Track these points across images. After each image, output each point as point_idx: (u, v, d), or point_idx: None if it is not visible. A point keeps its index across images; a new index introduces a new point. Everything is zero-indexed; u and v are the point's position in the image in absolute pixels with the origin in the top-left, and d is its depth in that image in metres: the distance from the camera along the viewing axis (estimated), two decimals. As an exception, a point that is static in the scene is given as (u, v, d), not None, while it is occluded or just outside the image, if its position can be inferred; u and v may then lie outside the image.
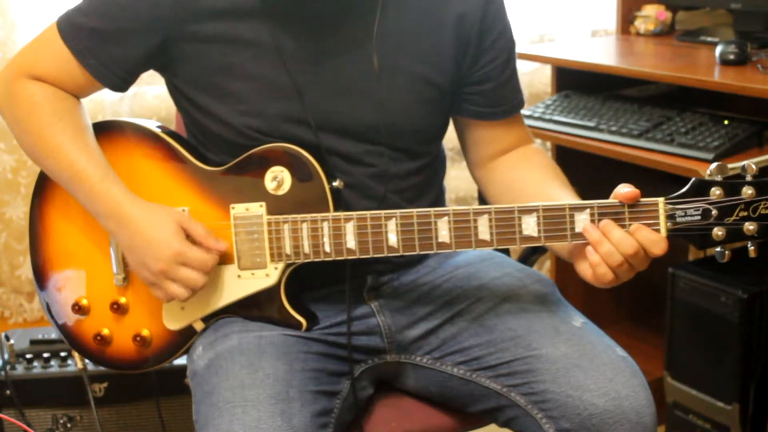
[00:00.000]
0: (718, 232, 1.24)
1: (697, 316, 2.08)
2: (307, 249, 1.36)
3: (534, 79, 2.89)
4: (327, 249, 1.36)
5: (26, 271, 2.67)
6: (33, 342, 2.04)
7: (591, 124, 2.17)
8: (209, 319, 1.44)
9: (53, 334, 2.04)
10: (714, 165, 1.24)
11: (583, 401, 1.31)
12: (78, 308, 1.49)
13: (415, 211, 1.32)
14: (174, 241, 1.35)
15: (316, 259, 1.37)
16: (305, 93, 1.38)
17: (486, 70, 1.48)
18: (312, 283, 1.46)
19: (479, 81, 1.48)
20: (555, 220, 1.28)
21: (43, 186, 1.50)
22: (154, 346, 1.48)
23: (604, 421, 1.30)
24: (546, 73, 2.79)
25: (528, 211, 1.29)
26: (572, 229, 1.28)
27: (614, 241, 1.25)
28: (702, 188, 1.24)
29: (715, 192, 1.23)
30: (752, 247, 1.25)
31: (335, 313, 1.46)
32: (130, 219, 1.37)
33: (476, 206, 1.31)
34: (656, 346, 2.42)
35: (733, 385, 2.02)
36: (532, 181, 1.47)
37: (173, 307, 1.44)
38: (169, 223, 1.36)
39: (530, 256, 1.92)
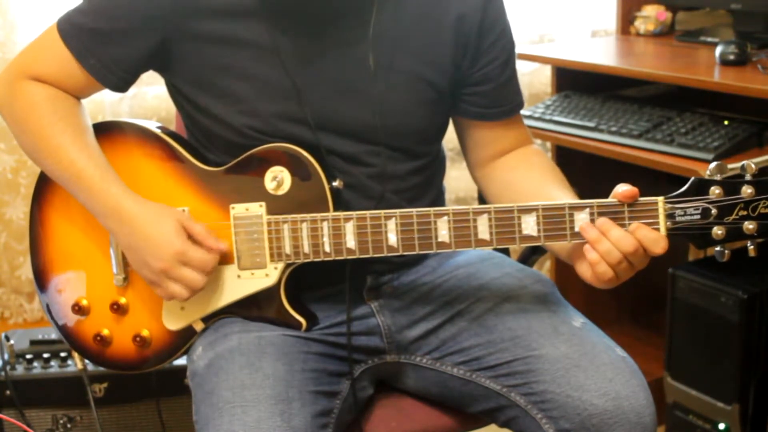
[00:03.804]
0: (717, 231, 1.24)
1: (697, 316, 2.08)
2: (306, 249, 1.36)
3: (534, 79, 2.89)
4: (327, 249, 1.36)
5: (26, 271, 2.67)
6: (33, 342, 2.04)
7: (591, 124, 2.18)
8: (209, 320, 1.44)
9: (53, 334, 2.04)
10: (713, 164, 1.24)
11: (583, 401, 1.31)
12: (78, 308, 1.49)
13: (414, 210, 1.32)
14: (176, 241, 1.35)
15: (315, 259, 1.37)
16: (303, 93, 1.38)
17: (485, 70, 1.48)
18: (312, 283, 1.46)
19: (479, 82, 1.48)
20: (555, 219, 1.28)
21: (43, 187, 1.50)
22: (153, 346, 1.48)
23: (603, 422, 1.30)
24: (546, 73, 2.79)
25: (528, 210, 1.29)
26: (572, 228, 1.28)
27: (613, 239, 1.25)
28: (701, 187, 1.24)
29: (715, 191, 1.23)
30: (752, 247, 1.25)
31: (335, 314, 1.46)
32: (131, 217, 1.37)
33: (476, 206, 1.31)
34: (656, 346, 2.42)
35: (733, 385, 2.02)
36: (531, 181, 1.47)
37: (173, 307, 1.44)
38: (170, 222, 1.36)
39: (530, 256, 1.93)
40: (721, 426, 2.05)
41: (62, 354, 1.99)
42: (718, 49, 2.15)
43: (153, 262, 1.36)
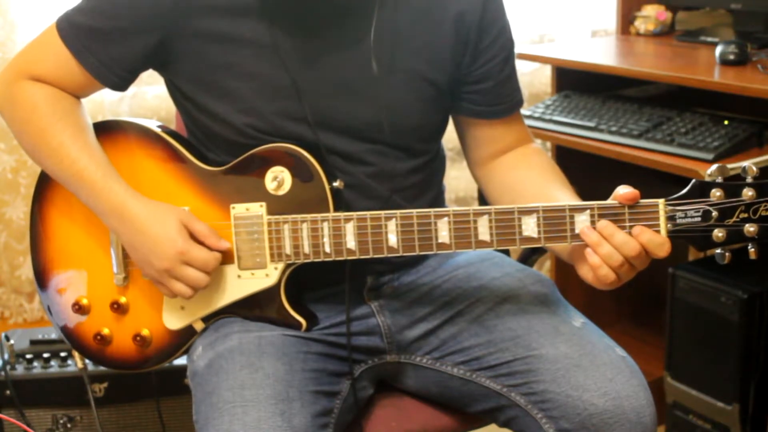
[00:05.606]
0: (718, 233, 1.24)
1: (697, 316, 2.08)
2: (307, 249, 1.36)
3: (534, 79, 2.89)
4: (327, 249, 1.36)
5: (26, 271, 2.67)
6: (33, 342, 2.04)
7: (591, 124, 2.18)
8: (209, 319, 1.45)
9: (53, 334, 2.04)
10: (714, 166, 1.24)
11: (583, 401, 1.31)
12: (78, 308, 1.49)
13: (415, 211, 1.32)
14: (178, 240, 1.35)
15: (316, 260, 1.37)
16: (303, 91, 1.38)
17: (485, 68, 1.48)
18: (312, 284, 1.46)
19: (478, 79, 1.48)
20: (555, 221, 1.28)
21: (44, 186, 1.50)
22: (154, 345, 1.48)
23: (603, 421, 1.30)
24: (546, 73, 2.79)
25: (528, 212, 1.29)
26: (572, 230, 1.28)
27: (616, 243, 1.24)
28: (702, 189, 1.24)
29: (716, 193, 1.23)
30: (752, 249, 1.24)
31: (335, 314, 1.46)
32: (133, 216, 1.37)
33: (476, 207, 1.31)
34: (656, 346, 2.42)
35: (733, 385, 2.03)
36: (531, 181, 1.47)
37: (173, 306, 1.44)
38: (172, 221, 1.36)
39: (530, 256, 1.92)
40: (721, 426, 2.06)
41: (62, 354, 2.00)
42: (718, 49, 2.15)
43: (156, 261, 1.36)
